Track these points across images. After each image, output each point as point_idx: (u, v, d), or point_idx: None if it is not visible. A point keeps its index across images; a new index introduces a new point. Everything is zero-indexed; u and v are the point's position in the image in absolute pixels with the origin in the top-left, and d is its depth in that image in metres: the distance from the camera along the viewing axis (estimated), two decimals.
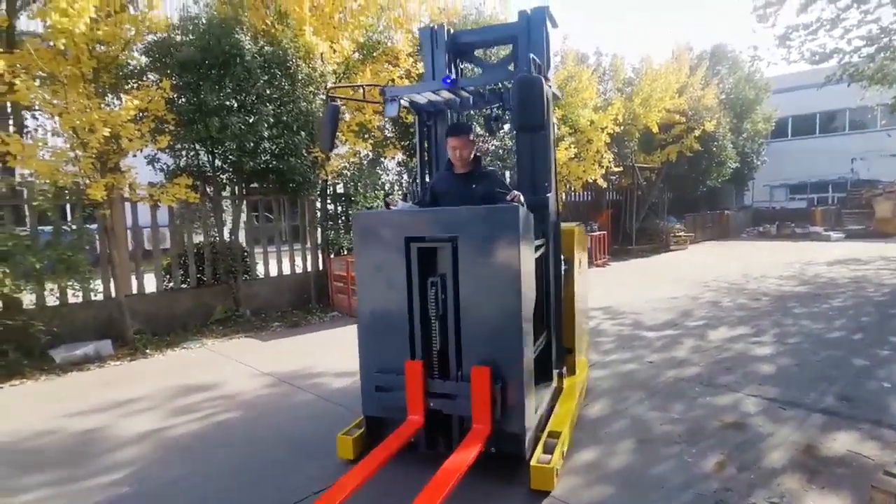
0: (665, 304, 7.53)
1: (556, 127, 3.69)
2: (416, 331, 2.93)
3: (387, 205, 3.44)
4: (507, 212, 2.74)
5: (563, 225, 3.79)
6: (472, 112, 4.25)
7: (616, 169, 12.72)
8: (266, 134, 6.71)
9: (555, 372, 3.54)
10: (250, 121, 6.56)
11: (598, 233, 12.50)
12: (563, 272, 3.59)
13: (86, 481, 3.08)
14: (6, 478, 3.16)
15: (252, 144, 6.65)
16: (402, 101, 3.62)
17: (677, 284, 9.20)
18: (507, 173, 9.84)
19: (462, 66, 4.09)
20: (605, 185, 12.59)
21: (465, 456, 2.56)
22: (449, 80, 3.19)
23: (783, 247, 15.68)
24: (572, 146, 10.42)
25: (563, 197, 12.15)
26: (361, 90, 4.66)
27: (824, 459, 3.06)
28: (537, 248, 3.21)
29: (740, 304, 7.42)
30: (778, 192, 25.85)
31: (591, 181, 11.68)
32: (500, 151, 9.78)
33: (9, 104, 5.82)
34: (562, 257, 3.59)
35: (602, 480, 2.91)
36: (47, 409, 4.20)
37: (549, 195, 3.41)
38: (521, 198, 2.96)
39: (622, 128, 12.34)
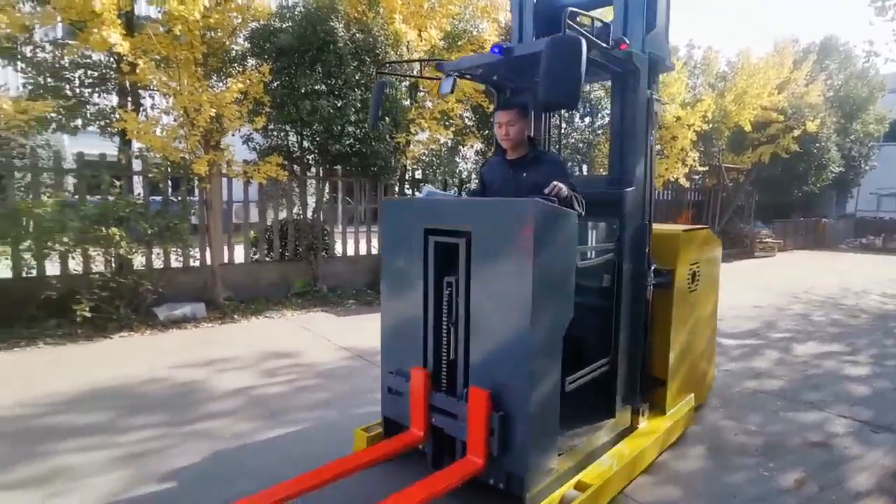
0: (747, 313, 7.16)
1: (657, 104, 3.05)
2: (428, 336, 2.63)
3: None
4: (521, 207, 2.27)
5: (663, 227, 3.28)
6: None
7: (700, 168, 12.11)
8: (352, 118, 6.99)
9: (624, 407, 3.00)
10: (338, 105, 6.86)
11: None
12: (650, 285, 3.00)
13: (187, 426, 3.44)
14: (119, 417, 3.58)
15: (338, 128, 6.95)
16: (456, 77, 3.16)
17: (762, 293, 8.69)
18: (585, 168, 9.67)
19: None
20: (687, 184, 12.02)
21: (433, 486, 2.23)
22: (498, 49, 2.81)
23: (890, 262, 14.31)
24: (655, 143, 10.02)
25: None
26: (419, 69, 4.30)
27: None
28: (598, 254, 2.92)
29: (834, 320, 6.91)
30: (887, 202, 23.47)
31: (672, 180, 11.20)
32: (582, 145, 9.59)
33: (128, 83, 6.44)
34: (652, 267, 3.02)
35: (670, 482, 2.87)
36: (153, 361, 4.68)
37: (628, 190, 2.87)
38: (564, 191, 2.49)
39: (711, 125, 11.70)
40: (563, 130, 9.22)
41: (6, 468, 2.88)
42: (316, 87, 6.75)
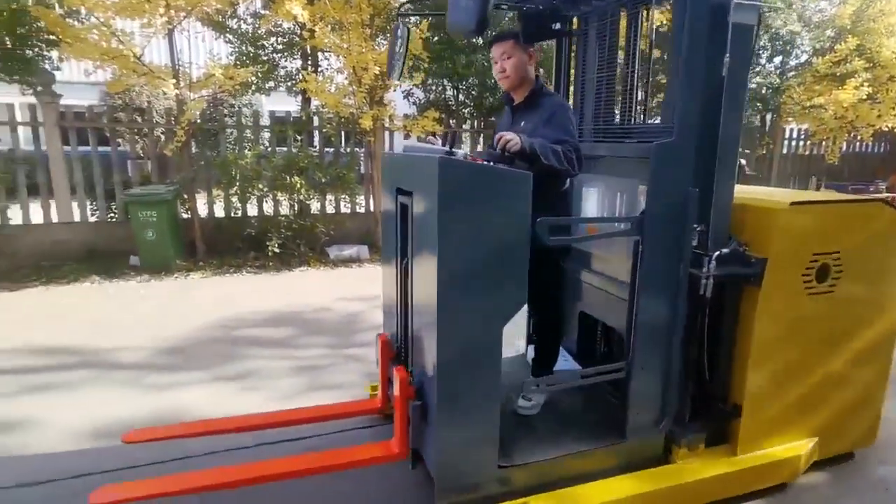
0: None
1: (742, 12, 2.00)
2: (398, 302, 2.38)
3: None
4: (431, 166, 1.83)
5: (766, 196, 2.38)
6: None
7: None
8: None
9: (647, 431, 2.29)
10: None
11: (886, 195, 9.99)
12: (707, 277, 2.15)
13: (347, 349, 4.04)
14: (298, 336, 4.32)
15: (492, 80, 7.03)
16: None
17: None
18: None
19: None
20: None
21: (326, 460, 2.10)
22: None
23: None
24: (865, 84, 8.30)
25: (842, 148, 9.90)
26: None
27: None
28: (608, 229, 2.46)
29: None
30: None
31: (886, 129, 9.25)
32: (765, 90, 8.37)
33: (308, 48, 7.23)
34: (714, 254, 2.15)
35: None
36: (325, 293, 5.46)
37: (658, 143, 2.05)
38: (515, 144, 2.04)
39: None
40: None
41: (214, 366, 3.71)
42: (471, 40, 6.87)
